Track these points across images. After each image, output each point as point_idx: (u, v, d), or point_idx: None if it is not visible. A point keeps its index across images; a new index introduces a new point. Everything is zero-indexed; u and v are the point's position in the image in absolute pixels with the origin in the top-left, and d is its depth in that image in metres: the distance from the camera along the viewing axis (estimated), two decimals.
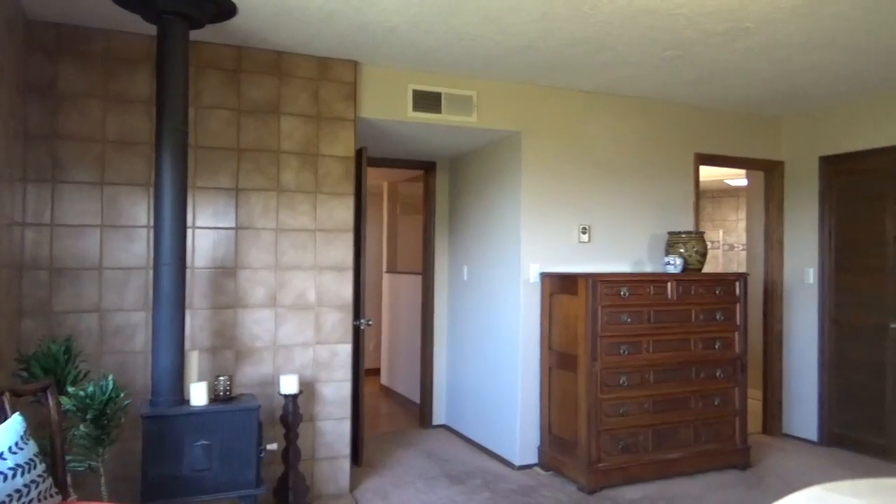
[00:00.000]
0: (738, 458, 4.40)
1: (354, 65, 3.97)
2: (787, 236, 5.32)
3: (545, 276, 4.39)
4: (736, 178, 7.01)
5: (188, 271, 3.44)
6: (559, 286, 4.27)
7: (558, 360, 4.26)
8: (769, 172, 5.39)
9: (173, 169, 3.04)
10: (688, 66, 4.00)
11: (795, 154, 5.27)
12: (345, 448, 3.94)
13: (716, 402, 4.34)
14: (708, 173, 6.67)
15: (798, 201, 5.24)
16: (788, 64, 3.95)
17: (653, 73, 4.17)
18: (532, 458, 4.43)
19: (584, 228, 4.57)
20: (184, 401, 3.10)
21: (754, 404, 5.59)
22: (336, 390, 3.91)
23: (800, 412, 5.17)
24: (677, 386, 4.23)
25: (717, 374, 4.34)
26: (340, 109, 3.93)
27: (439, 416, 5.50)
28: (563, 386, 4.21)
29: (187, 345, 3.32)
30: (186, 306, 3.28)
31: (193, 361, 3.24)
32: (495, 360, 4.70)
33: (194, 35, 3.32)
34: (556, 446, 4.26)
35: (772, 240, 5.38)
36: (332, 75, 3.91)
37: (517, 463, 4.40)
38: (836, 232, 4.96)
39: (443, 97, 4.19)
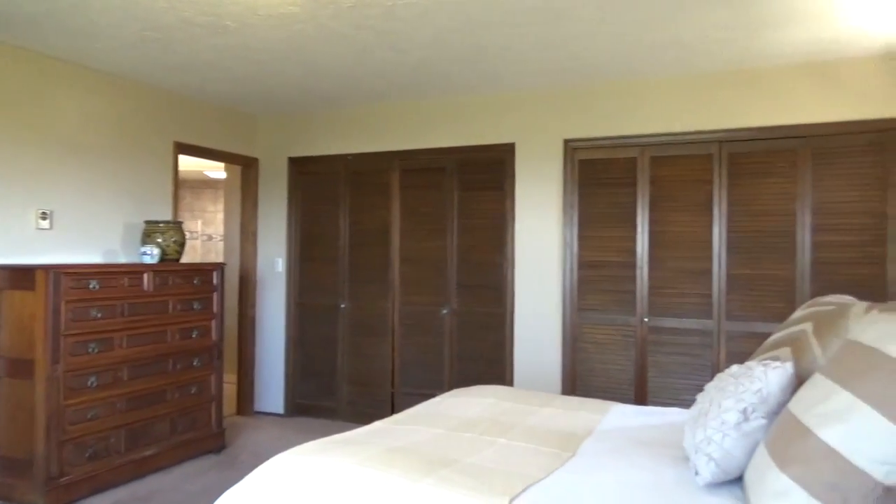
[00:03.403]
0: (214, 442, 4.54)
1: None
2: (260, 228, 5.74)
3: None
4: (215, 170, 7.21)
5: None
6: (11, 281, 3.62)
7: (10, 367, 3.60)
8: (246, 168, 5.72)
9: None
10: (167, 51, 3.89)
11: (269, 152, 5.72)
12: None
13: (193, 391, 4.38)
14: (188, 164, 6.67)
15: (271, 197, 5.70)
16: (262, 67, 4.25)
17: (131, 51, 3.91)
18: None
19: (45, 213, 3.99)
20: None
21: (230, 388, 5.88)
22: None
23: (270, 389, 5.66)
24: (154, 380, 4.10)
25: (195, 363, 4.39)
26: None
27: None
28: (15, 397, 3.58)
29: None
30: None
31: None
32: None
33: None
34: (6, 469, 3.60)
35: (247, 231, 5.73)
36: None
37: None
38: (301, 226, 5.60)
39: None
